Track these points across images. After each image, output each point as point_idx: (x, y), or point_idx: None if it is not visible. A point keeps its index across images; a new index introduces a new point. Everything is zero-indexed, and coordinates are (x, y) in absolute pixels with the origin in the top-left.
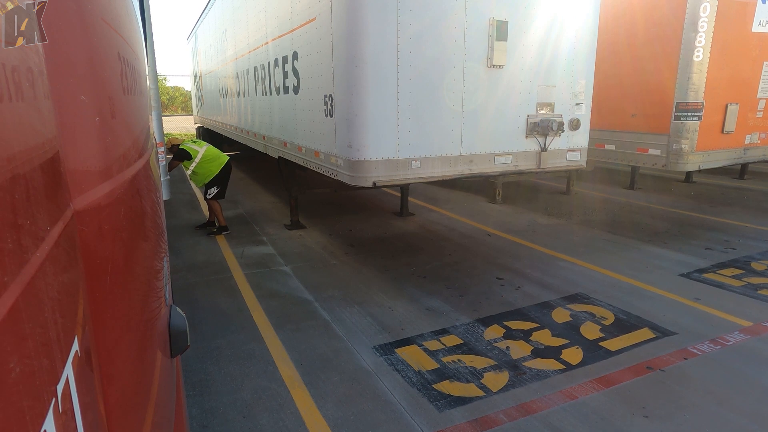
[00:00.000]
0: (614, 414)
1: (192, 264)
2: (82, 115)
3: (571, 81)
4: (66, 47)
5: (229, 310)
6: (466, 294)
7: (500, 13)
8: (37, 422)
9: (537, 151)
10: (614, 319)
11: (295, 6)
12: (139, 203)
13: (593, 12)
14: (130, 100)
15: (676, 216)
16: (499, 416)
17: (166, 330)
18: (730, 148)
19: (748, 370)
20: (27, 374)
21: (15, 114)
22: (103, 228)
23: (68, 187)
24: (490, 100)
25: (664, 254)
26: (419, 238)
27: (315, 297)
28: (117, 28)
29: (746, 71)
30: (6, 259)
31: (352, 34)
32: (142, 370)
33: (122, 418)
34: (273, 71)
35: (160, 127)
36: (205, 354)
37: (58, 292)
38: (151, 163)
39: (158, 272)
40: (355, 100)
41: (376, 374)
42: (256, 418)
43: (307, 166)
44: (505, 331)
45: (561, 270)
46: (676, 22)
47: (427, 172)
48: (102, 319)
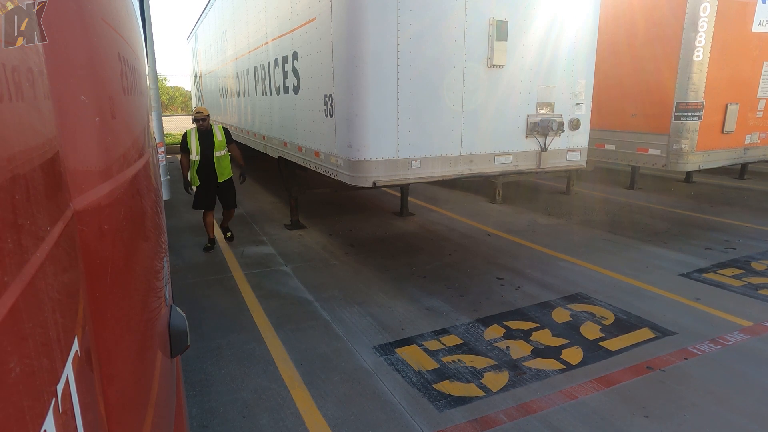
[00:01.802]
0: (614, 414)
1: (192, 264)
2: (82, 115)
3: (571, 81)
4: (66, 47)
5: (229, 310)
6: (466, 294)
7: (500, 13)
8: (37, 422)
9: (537, 151)
10: (614, 319)
11: (295, 6)
12: (139, 203)
13: (593, 12)
14: (130, 100)
15: (676, 216)
16: (499, 416)
17: (166, 330)
18: (730, 148)
19: (748, 370)
20: (27, 374)
21: (15, 114)
22: (103, 228)
23: (68, 187)
24: (490, 100)
25: (664, 254)
26: (419, 238)
27: (315, 297)
28: (117, 28)
29: (746, 71)
30: (6, 259)
31: (352, 34)
32: (142, 370)
33: (122, 418)
34: (273, 71)
35: (160, 127)
36: (205, 354)
37: (58, 292)
38: (151, 163)
39: (158, 272)
40: (355, 100)
41: (376, 374)
42: (256, 417)
43: (307, 166)
44: (505, 331)
45: (561, 270)
46: (676, 22)
47: (427, 172)
48: (102, 319)
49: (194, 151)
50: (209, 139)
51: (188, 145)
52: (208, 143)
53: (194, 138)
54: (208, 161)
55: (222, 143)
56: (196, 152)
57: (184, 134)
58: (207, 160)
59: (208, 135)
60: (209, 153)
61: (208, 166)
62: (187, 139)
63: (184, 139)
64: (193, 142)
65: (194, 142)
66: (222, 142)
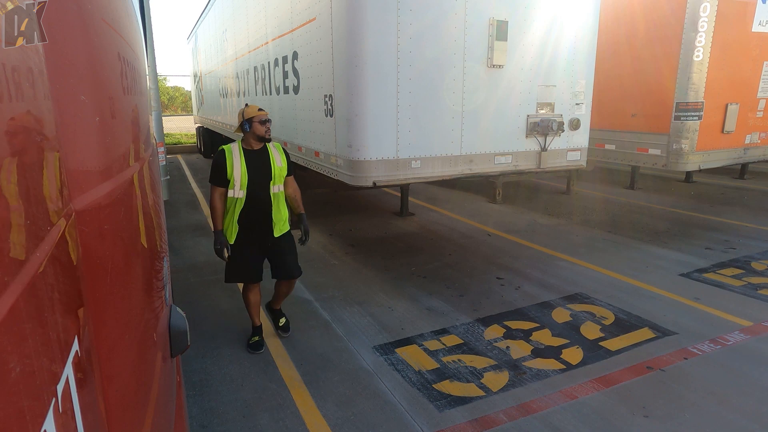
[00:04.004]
0: (614, 414)
1: (192, 264)
2: (82, 115)
3: (571, 81)
4: (66, 47)
5: (229, 310)
6: (466, 294)
7: (500, 13)
8: (37, 422)
9: (537, 151)
10: (614, 319)
11: (295, 6)
12: (139, 203)
13: (593, 12)
14: (130, 100)
15: (676, 216)
16: (500, 416)
17: (166, 330)
18: (730, 147)
19: (748, 370)
20: (27, 374)
21: (15, 114)
22: (103, 228)
23: (68, 187)
24: (490, 100)
25: (664, 254)
26: (419, 238)
27: (315, 297)
28: (117, 28)
29: (746, 71)
30: (6, 259)
31: (352, 34)
32: (142, 370)
33: (122, 418)
34: (273, 71)
35: (160, 127)
36: (205, 354)
37: (58, 292)
38: (151, 163)
39: (158, 272)
40: (355, 100)
41: (377, 374)
42: (256, 417)
43: (308, 166)
44: (505, 331)
45: (561, 270)
46: (676, 22)
47: (427, 172)
48: (102, 319)
49: (239, 183)
50: (263, 163)
51: (228, 173)
52: (261, 171)
53: (239, 161)
54: (258, 201)
55: (282, 172)
56: (242, 185)
57: (218, 155)
58: (257, 200)
59: (261, 157)
60: (263, 187)
61: (258, 210)
62: (226, 163)
63: (220, 163)
64: (237, 167)
65: (240, 169)
66: (283, 170)
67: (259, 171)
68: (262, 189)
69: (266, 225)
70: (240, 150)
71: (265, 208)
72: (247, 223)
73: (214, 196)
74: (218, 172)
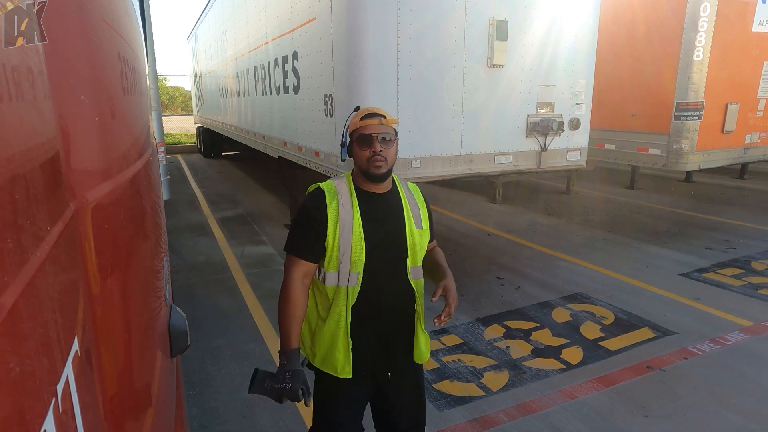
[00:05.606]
0: (614, 413)
1: (192, 264)
2: (82, 115)
3: (571, 81)
4: (66, 47)
5: (229, 310)
6: (466, 293)
7: (500, 13)
8: (37, 422)
9: (537, 150)
10: (614, 319)
11: (295, 6)
12: (139, 203)
13: (593, 12)
14: (130, 100)
15: (677, 216)
16: (499, 416)
17: (166, 330)
18: (731, 147)
19: (748, 370)
20: (27, 374)
21: (15, 114)
22: (103, 228)
23: (68, 187)
24: (490, 100)
25: (664, 254)
26: None
27: None
28: (117, 28)
29: (746, 71)
30: (6, 259)
31: (352, 34)
32: (142, 370)
33: (122, 418)
34: (273, 71)
35: (160, 127)
36: (205, 354)
37: (58, 292)
38: (151, 163)
39: (158, 272)
40: (355, 99)
41: None
42: (256, 417)
43: (308, 165)
44: (505, 331)
45: (561, 270)
46: (676, 21)
47: (427, 172)
48: (102, 319)
49: (349, 256)
50: (394, 214)
51: (325, 235)
52: (391, 236)
53: (354, 212)
54: (382, 292)
55: (424, 239)
56: (354, 263)
57: (309, 198)
58: (381, 290)
59: (388, 204)
60: (393, 267)
61: (380, 309)
62: (325, 215)
63: (312, 215)
64: (346, 226)
65: (351, 229)
66: (424, 237)
67: (384, 236)
68: (393, 270)
69: (399, 343)
70: (351, 190)
71: (393, 305)
72: (364, 340)
73: (291, 275)
74: (304, 230)
